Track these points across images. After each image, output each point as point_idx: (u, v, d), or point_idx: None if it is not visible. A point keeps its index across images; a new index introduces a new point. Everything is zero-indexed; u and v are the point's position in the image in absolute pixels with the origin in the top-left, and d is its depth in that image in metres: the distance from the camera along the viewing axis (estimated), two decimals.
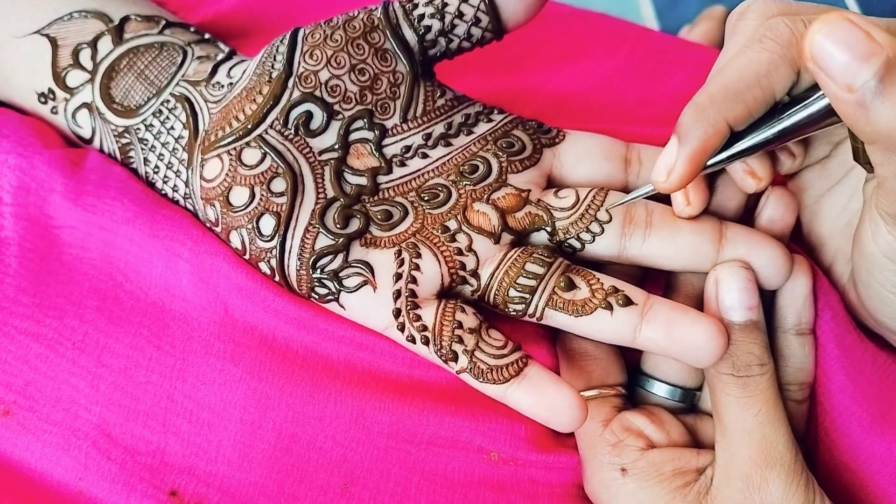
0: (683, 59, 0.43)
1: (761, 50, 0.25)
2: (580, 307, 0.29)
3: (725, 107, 0.26)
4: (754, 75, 0.25)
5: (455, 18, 0.31)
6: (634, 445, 0.30)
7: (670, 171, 0.27)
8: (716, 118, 0.26)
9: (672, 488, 0.29)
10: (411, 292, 0.30)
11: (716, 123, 0.26)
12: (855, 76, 0.22)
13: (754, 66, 0.25)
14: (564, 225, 0.31)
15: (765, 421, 0.28)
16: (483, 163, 0.32)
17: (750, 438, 0.28)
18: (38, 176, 0.33)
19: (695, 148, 0.26)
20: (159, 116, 0.33)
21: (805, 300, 0.31)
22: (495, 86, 0.39)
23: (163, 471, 0.30)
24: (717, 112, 0.26)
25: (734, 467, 0.28)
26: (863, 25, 0.22)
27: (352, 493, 0.30)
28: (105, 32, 0.35)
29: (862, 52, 0.22)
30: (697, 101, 0.26)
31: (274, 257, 0.30)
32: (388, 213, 0.31)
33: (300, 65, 0.31)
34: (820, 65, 0.22)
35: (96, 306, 0.32)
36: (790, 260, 0.30)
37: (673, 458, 0.29)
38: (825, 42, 0.22)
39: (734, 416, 0.29)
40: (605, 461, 0.30)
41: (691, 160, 0.27)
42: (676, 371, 0.32)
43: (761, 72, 0.25)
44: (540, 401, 0.28)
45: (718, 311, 0.30)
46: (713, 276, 0.30)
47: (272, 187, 0.30)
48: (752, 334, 0.29)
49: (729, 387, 0.29)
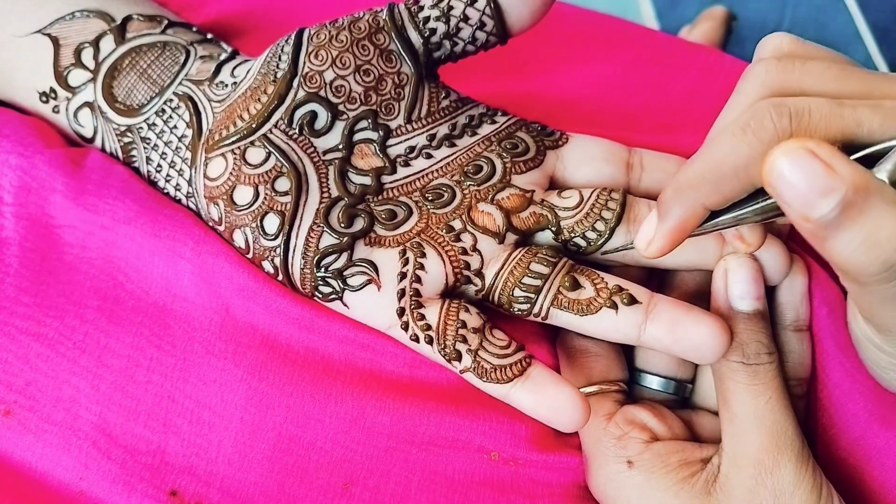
0: (688, 64, 0.43)
1: (742, 144, 0.25)
2: (585, 306, 0.29)
3: (703, 192, 0.26)
4: (732, 168, 0.25)
5: (460, 22, 0.32)
6: (639, 438, 0.30)
7: (650, 242, 0.28)
8: (693, 202, 0.26)
9: (679, 479, 0.29)
10: (415, 291, 0.30)
11: (693, 208, 0.27)
12: (811, 209, 0.22)
13: (733, 158, 0.25)
14: (570, 224, 0.31)
15: (775, 408, 0.29)
16: (487, 163, 0.32)
17: (761, 424, 0.29)
18: (39, 175, 0.33)
19: (672, 227, 0.27)
20: (162, 115, 0.34)
21: (802, 297, 0.32)
22: (500, 88, 0.40)
23: (163, 470, 0.30)
24: (696, 196, 0.26)
25: (744, 454, 0.29)
26: (824, 157, 0.21)
27: (352, 493, 0.30)
28: (107, 32, 0.35)
29: (820, 187, 0.21)
30: (679, 181, 0.27)
31: (278, 256, 0.30)
32: (392, 212, 0.31)
33: (305, 65, 0.31)
34: (777, 192, 0.22)
35: (97, 306, 0.32)
36: (789, 257, 0.31)
37: (678, 449, 0.30)
38: (784, 170, 0.22)
39: (744, 403, 0.29)
40: (611, 454, 0.30)
41: (669, 237, 0.27)
42: (667, 363, 0.32)
43: (740, 165, 0.25)
44: (542, 400, 0.29)
45: (727, 301, 0.30)
46: (722, 266, 0.31)
47: (276, 186, 0.30)
48: (760, 323, 0.30)
49: (739, 374, 0.29)
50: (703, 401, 0.33)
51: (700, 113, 0.41)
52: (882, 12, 1.01)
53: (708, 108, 0.41)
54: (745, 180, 0.25)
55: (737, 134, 0.25)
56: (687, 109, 0.41)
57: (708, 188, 0.26)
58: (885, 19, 1.01)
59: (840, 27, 1.00)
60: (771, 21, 0.98)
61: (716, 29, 0.89)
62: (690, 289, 0.33)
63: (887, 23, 1.01)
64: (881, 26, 1.00)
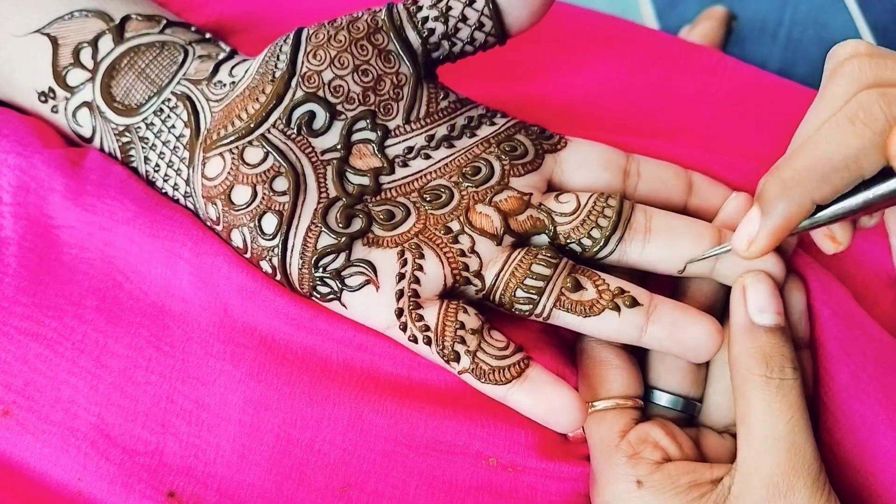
0: (689, 66, 0.43)
1: (852, 134, 0.25)
2: (588, 308, 0.30)
3: (812, 186, 0.26)
4: (843, 159, 0.25)
5: (459, 22, 0.32)
6: (651, 458, 0.30)
7: (752, 241, 0.27)
8: (801, 197, 0.26)
9: (688, 500, 0.29)
10: (414, 292, 0.30)
11: (801, 202, 0.26)
12: None
13: (844, 150, 0.25)
14: (566, 230, 0.31)
15: (795, 429, 0.28)
16: (486, 165, 0.32)
17: (779, 446, 0.28)
18: (38, 175, 0.33)
19: (778, 224, 0.27)
20: (160, 115, 0.34)
21: (801, 315, 0.32)
22: (499, 89, 0.40)
23: (161, 472, 0.30)
24: (804, 191, 0.26)
25: (759, 475, 0.28)
26: None
27: (349, 496, 0.30)
28: (106, 31, 0.35)
29: None
30: (784, 177, 0.26)
31: (276, 256, 0.31)
32: (390, 212, 0.31)
33: (303, 65, 0.31)
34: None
35: (95, 306, 0.32)
36: (785, 269, 0.31)
37: (688, 470, 0.30)
38: None
39: (765, 423, 0.29)
40: (621, 473, 0.30)
41: (774, 234, 0.27)
42: (679, 381, 0.32)
43: (850, 156, 0.25)
44: (540, 401, 0.29)
45: (747, 318, 0.30)
46: (739, 284, 0.31)
47: (274, 186, 0.31)
48: (783, 338, 0.30)
49: (761, 390, 0.29)
50: (709, 420, 0.33)
51: (701, 117, 0.41)
52: (882, 12, 1.01)
53: (709, 112, 0.41)
54: (856, 171, 0.25)
55: (845, 125, 0.25)
56: (688, 113, 0.41)
57: (817, 181, 0.26)
58: (885, 19, 1.01)
59: (840, 27, 1.00)
60: (771, 21, 0.98)
61: (716, 29, 0.89)
62: (699, 301, 0.33)
63: (887, 23, 1.01)
64: (881, 26, 1.01)
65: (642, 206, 0.32)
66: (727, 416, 0.32)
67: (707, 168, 0.35)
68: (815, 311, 0.32)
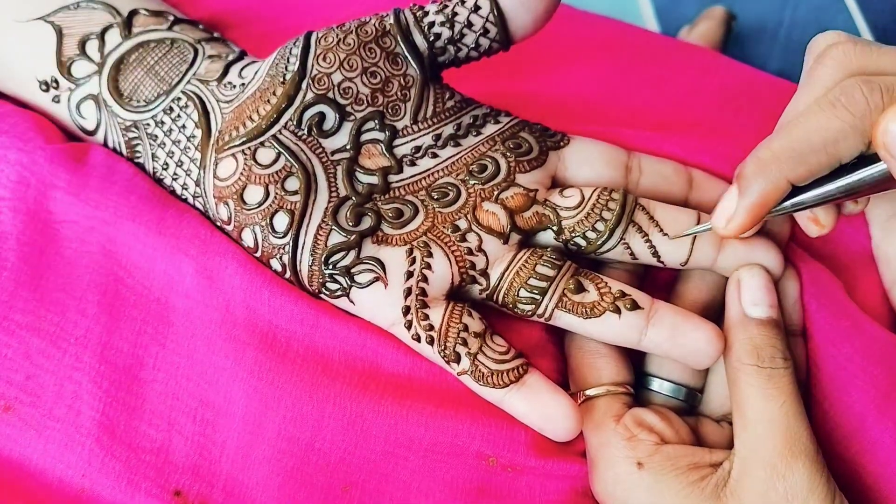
0: (684, 64, 0.44)
1: (833, 117, 0.26)
2: (589, 310, 0.31)
3: (788, 166, 0.27)
4: (822, 141, 0.26)
5: (464, 28, 0.33)
6: (649, 440, 0.31)
7: (730, 219, 0.29)
8: (777, 176, 0.27)
9: (689, 482, 0.30)
10: (421, 291, 0.31)
11: (776, 181, 0.28)
12: None
13: (823, 133, 0.26)
14: (570, 224, 0.33)
15: (789, 412, 0.30)
16: (492, 162, 0.34)
17: (775, 428, 0.29)
18: (40, 171, 0.34)
19: (754, 202, 0.28)
20: (170, 113, 0.34)
21: (794, 302, 0.33)
22: (499, 89, 0.40)
23: (167, 470, 0.31)
24: (779, 170, 0.27)
25: (757, 458, 0.29)
26: None
27: (351, 496, 0.31)
28: (113, 25, 0.35)
29: None
30: (760, 156, 0.28)
31: (286, 253, 0.32)
32: (399, 211, 0.32)
33: (313, 67, 0.32)
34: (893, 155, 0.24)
35: (97, 301, 0.33)
36: (783, 262, 0.33)
37: (688, 453, 0.31)
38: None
39: (758, 407, 0.30)
40: (620, 455, 0.31)
41: (750, 212, 0.28)
42: (681, 370, 0.33)
43: (829, 139, 0.26)
44: (536, 408, 0.30)
45: (740, 311, 0.32)
46: (735, 277, 0.32)
47: (286, 186, 0.32)
48: (774, 330, 0.31)
49: (753, 378, 0.30)
50: (708, 408, 0.34)
51: (696, 111, 0.42)
52: (882, 12, 1.02)
53: (704, 107, 0.42)
54: (833, 154, 0.26)
55: (826, 108, 0.26)
56: (683, 108, 0.41)
57: (794, 161, 0.27)
58: (885, 19, 1.02)
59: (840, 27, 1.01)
60: (771, 21, 0.99)
61: (715, 29, 0.90)
62: (696, 301, 0.34)
63: (887, 23, 1.02)
64: (881, 26, 1.02)
65: (645, 199, 0.33)
66: (725, 405, 0.33)
67: (699, 160, 0.36)
68: (804, 304, 0.33)
